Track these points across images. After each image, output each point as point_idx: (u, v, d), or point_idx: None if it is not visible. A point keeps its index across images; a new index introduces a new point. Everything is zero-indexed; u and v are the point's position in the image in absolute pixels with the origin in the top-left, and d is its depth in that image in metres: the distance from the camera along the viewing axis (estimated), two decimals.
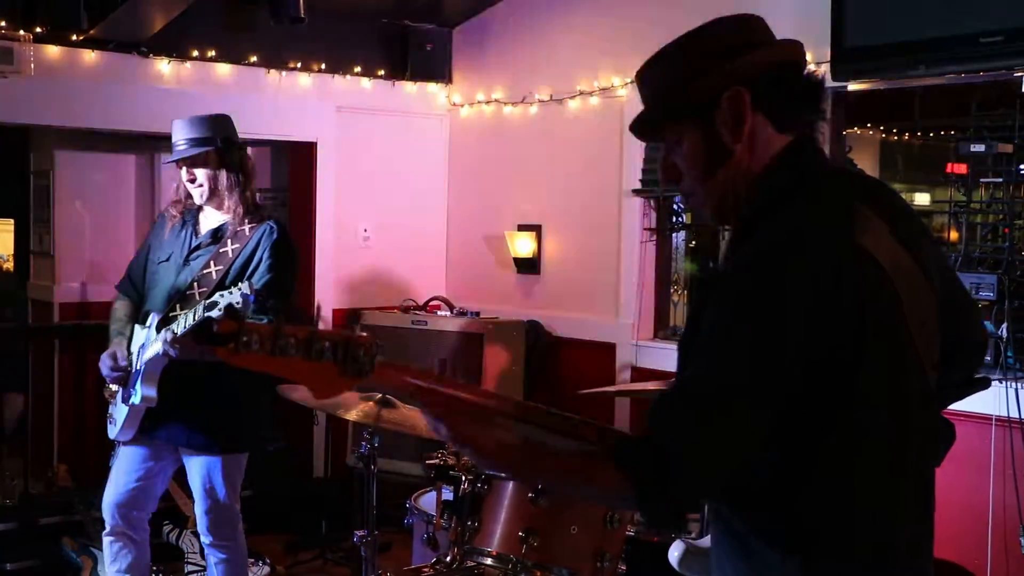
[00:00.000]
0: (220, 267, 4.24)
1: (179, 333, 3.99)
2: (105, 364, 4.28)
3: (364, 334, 1.91)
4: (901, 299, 1.89)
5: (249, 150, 4.58)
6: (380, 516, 4.11)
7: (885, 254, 1.89)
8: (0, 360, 7.85)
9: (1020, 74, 4.83)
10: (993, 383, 3.68)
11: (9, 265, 10.00)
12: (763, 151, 1.98)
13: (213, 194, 4.31)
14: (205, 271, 4.25)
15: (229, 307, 1.81)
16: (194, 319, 3.94)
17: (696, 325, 1.88)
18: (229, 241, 4.28)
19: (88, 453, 7.08)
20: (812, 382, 1.79)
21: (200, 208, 4.39)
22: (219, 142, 4.28)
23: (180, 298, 4.25)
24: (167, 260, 4.38)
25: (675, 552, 2.79)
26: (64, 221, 7.42)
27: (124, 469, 4.40)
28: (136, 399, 4.18)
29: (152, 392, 4.16)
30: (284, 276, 4.26)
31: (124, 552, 4.42)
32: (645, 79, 2.09)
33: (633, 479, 1.79)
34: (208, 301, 3.93)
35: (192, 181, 4.32)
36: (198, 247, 4.34)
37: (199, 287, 4.24)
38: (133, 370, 4.23)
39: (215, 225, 4.35)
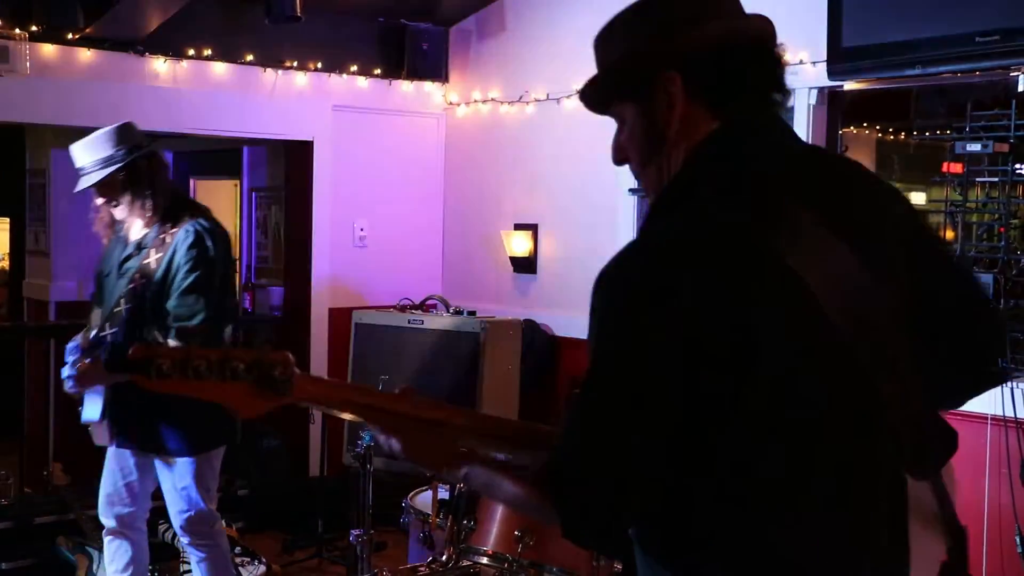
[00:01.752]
0: (144, 279, 4.18)
1: (69, 374, 4.08)
2: (65, 377, 4.25)
3: (279, 352, 1.89)
4: (823, 311, 1.68)
5: (245, 151, 4.57)
6: (376, 515, 4.12)
7: (803, 251, 1.71)
8: None
9: (1016, 73, 4.83)
10: None
11: (5, 264, 9.99)
12: (695, 139, 1.84)
13: (129, 210, 4.26)
14: (131, 285, 4.20)
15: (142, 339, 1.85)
16: (68, 351, 4.12)
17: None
18: (152, 251, 4.21)
19: (83, 452, 7.02)
20: (692, 408, 1.64)
21: (122, 221, 4.35)
22: (122, 157, 4.21)
23: (109, 315, 4.24)
24: (108, 274, 4.36)
25: None
26: (60, 220, 7.42)
27: (112, 470, 4.42)
28: (84, 418, 4.22)
29: (93, 415, 4.18)
30: (201, 277, 4.13)
31: (122, 551, 4.44)
32: (597, 48, 1.97)
33: (545, 495, 1.71)
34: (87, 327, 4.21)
35: (109, 203, 4.30)
36: (127, 258, 4.28)
37: (125, 302, 4.21)
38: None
39: (139, 236, 4.29)
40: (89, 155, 4.26)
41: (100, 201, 4.33)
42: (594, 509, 1.67)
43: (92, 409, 4.18)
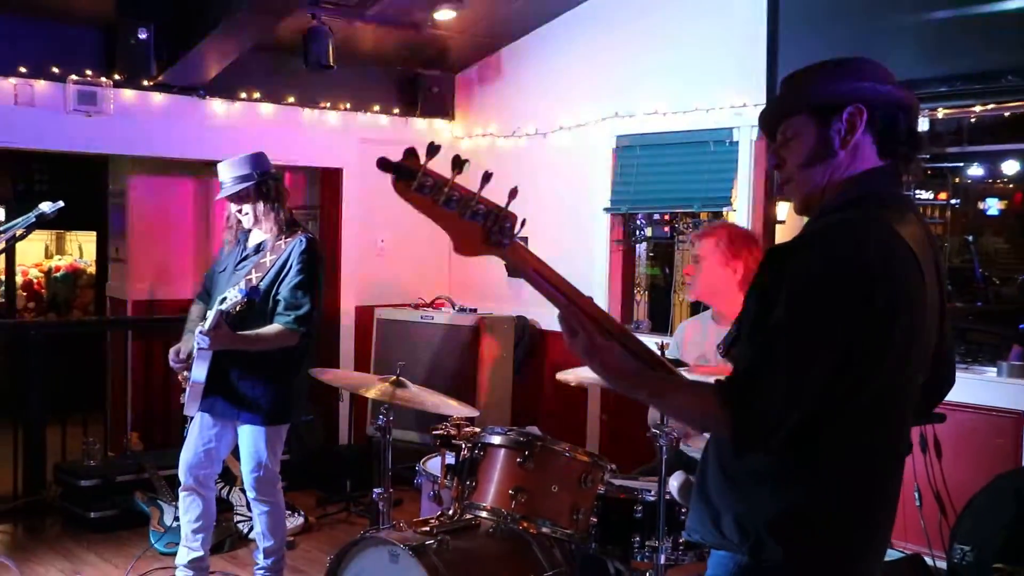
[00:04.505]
0: (259, 273, 4.30)
1: (207, 327, 4.07)
2: (171, 356, 4.38)
3: (513, 212, 1.81)
4: (925, 326, 1.89)
5: (287, 175, 4.61)
6: (394, 477, 4.11)
7: (930, 281, 1.89)
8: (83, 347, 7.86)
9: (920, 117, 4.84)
10: None
11: (92, 269, 9.98)
12: (859, 165, 1.96)
13: (255, 220, 4.37)
14: (247, 277, 4.29)
15: (411, 150, 1.73)
16: (214, 315, 4.06)
17: (765, 296, 1.85)
18: (268, 253, 4.33)
19: (155, 423, 7.07)
20: (852, 355, 1.79)
21: (248, 230, 4.45)
22: (256, 176, 4.33)
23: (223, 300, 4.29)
24: (223, 271, 4.48)
25: (675, 482, 2.74)
26: (136, 233, 7.41)
27: (195, 437, 4.44)
28: (192, 378, 4.22)
29: (200, 376, 4.18)
30: (310, 277, 4.28)
31: (195, 505, 4.47)
32: (792, 81, 2.08)
33: (732, 405, 1.80)
34: (221, 297, 4.09)
35: (239, 211, 4.41)
36: (245, 258, 4.41)
37: (240, 289, 4.26)
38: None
39: (258, 241, 4.40)
40: (230, 172, 4.34)
41: (233, 208, 4.42)
42: (767, 416, 1.79)
43: (199, 372, 4.18)
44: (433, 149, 1.73)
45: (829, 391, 1.80)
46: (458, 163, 1.75)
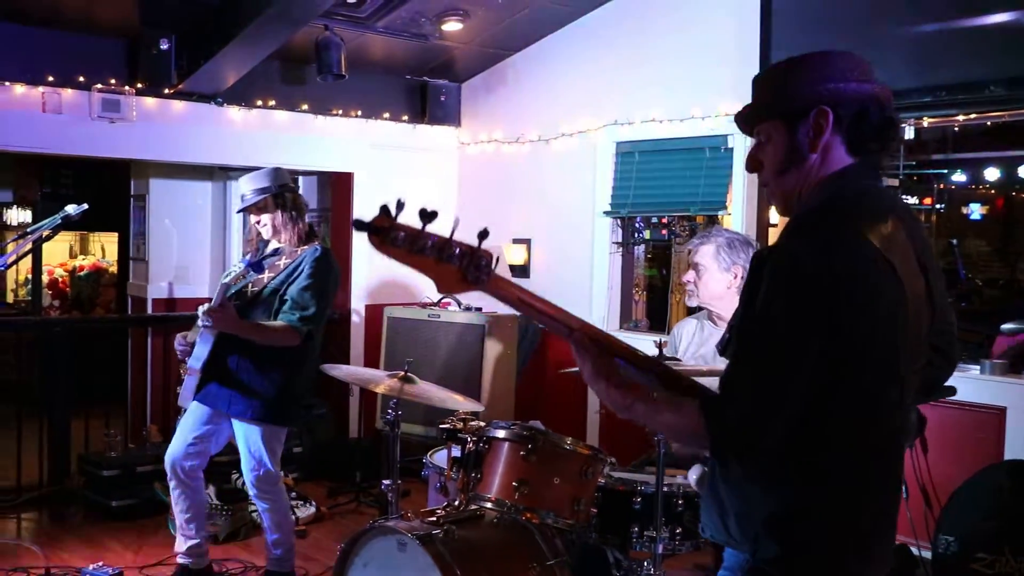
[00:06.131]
0: (272, 274, 4.28)
1: (211, 306, 4.05)
2: (176, 340, 4.34)
3: (487, 250, 1.84)
4: (908, 314, 1.83)
5: (300, 180, 4.60)
6: (402, 469, 4.11)
7: (905, 271, 1.83)
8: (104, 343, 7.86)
9: (903, 125, 4.84)
10: None
11: (114, 269, 9.98)
12: (830, 166, 1.91)
13: (274, 230, 4.35)
14: (261, 276, 4.29)
15: (384, 207, 1.77)
16: (218, 291, 4.09)
17: (751, 301, 1.81)
18: (284, 258, 4.31)
19: (174, 416, 7.01)
20: (826, 366, 1.75)
21: (267, 241, 4.43)
22: (275, 189, 4.31)
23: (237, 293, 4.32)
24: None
25: (693, 474, 2.72)
26: (156, 234, 7.41)
27: (184, 429, 4.38)
28: (189, 364, 4.19)
29: (199, 360, 4.15)
30: (320, 283, 4.23)
31: (183, 496, 4.40)
32: (760, 82, 2.04)
33: (707, 420, 1.78)
34: (226, 272, 4.24)
35: (258, 223, 4.39)
36: (263, 259, 4.35)
37: (253, 287, 4.31)
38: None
39: (276, 247, 4.36)
40: (250, 185, 4.34)
41: (253, 220, 4.41)
42: (743, 429, 1.76)
43: (199, 354, 4.15)
44: (400, 205, 1.79)
45: (808, 396, 1.77)
46: (426, 215, 1.79)
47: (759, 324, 1.78)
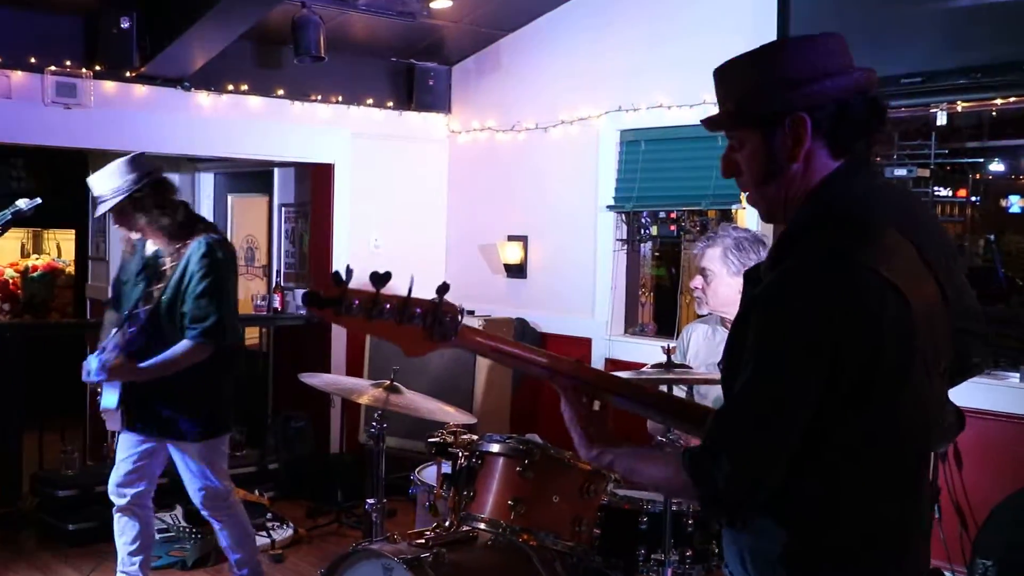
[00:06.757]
0: (160, 285, 4.15)
1: (101, 361, 4.03)
2: (83, 373, 4.17)
3: (450, 304, 1.86)
4: (917, 330, 1.78)
5: (276, 172, 4.54)
6: (388, 486, 4.10)
7: (909, 283, 1.78)
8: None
9: (935, 110, 4.84)
10: None
11: (71, 269, 9.98)
12: (817, 174, 1.87)
13: (142, 230, 4.22)
14: (148, 290, 4.17)
15: (335, 274, 1.79)
16: (111, 345, 4.08)
17: (740, 341, 1.80)
18: (167, 260, 4.17)
19: None
20: (827, 400, 1.72)
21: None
22: (128, 187, 4.11)
23: (128, 317, 4.20)
24: (127, 281, 4.34)
25: None
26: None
27: (122, 455, 4.33)
28: (102, 406, 4.17)
29: (111, 403, 4.13)
30: (213, 283, 4.08)
31: (130, 526, 4.35)
32: (724, 79, 1.98)
33: (694, 481, 1.77)
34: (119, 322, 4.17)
35: (119, 226, 4.27)
36: (144, 268, 4.26)
37: (143, 304, 4.18)
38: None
39: (155, 248, 4.25)
40: (103, 185, 4.17)
41: (115, 224, 4.30)
42: (732, 490, 1.75)
43: (110, 398, 4.13)
44: (349, 271, 1.82)
45: (802, 437, 1.75)
46: (377, 278, 1.81)
47: (749, 373, 1.75)
